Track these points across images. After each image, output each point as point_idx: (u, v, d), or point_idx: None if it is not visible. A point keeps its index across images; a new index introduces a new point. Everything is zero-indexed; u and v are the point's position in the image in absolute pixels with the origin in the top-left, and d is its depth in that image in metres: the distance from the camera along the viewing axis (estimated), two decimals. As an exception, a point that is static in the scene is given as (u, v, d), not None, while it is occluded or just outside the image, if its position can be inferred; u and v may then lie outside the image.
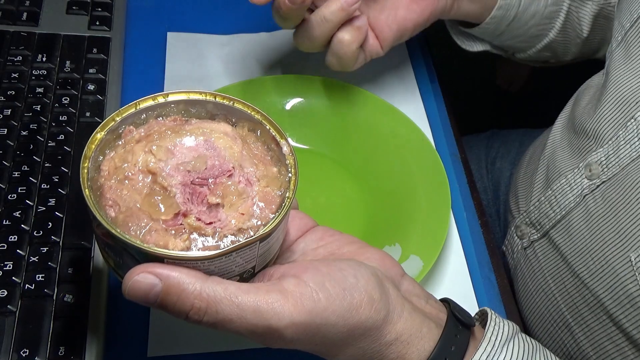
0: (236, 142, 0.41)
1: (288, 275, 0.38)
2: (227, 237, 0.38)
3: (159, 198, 0.38)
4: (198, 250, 0.37)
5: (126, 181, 0.39)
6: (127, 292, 0.36)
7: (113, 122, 0.41)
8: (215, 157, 0.40)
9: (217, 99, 0.43)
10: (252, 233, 0.38)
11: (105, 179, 0.39)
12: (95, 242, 0.42)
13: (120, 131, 0.41)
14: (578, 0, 0.69)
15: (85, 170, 0.39)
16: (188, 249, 0.37)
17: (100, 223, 0.36)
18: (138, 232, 0.37)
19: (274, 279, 0.39)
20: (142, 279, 0.35)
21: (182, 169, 0.39)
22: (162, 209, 0.38)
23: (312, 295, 0.37)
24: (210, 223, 0.38)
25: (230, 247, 0.37)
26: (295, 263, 0.40)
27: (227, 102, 0.43)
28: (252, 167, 0.41)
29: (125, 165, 0.39)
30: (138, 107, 0.42)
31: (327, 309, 0.37)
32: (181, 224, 0.38)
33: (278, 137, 0.42)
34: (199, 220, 0.38)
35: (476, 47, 0.72)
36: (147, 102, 0.42)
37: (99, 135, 0.40)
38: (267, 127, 0.43)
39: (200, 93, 0.43)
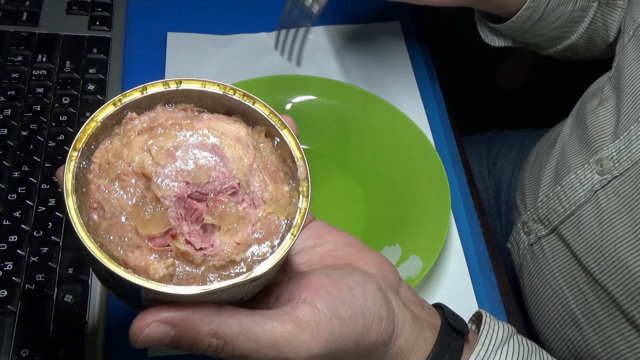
0: (248, 152, 0.36)
1: (298, 300, 0.37)
2: (215, 268, 0.34)
3: (150, 210, 0.34)
4: (180, 279, 0.33)
5: (117, 182, 0.34)
6: (137, 344, 0.33)
7: (112, 108, 0.36)
8: (221, 169, 0.35)
9: (236, 95, 0.38)
10: (244, 268, 0.34)
11: (95, 175, 0.35)
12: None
13: (121, 117, 0.36)
14: (606, 7, 0.68)
15: (72, 164, 0.34)
16: (171, 276, 0.33)
17: (79, 237, 0.32)
18: (119, 246, 0.33)
19: (281, 303, 0.38)
20: (155, 329, 0.33)
21: (180, 179, 0.35)
22: (151, 224, 0.33)
23: (327, 323, 0.36)
24: (201, 249, 0.34)
25: (215, 287, 0.33)
26: (301, 282, 0.38)
27: (248, 101, 0.38)
28: (260, 185, 0.36)
29: (119, 162, 0.35)
30: (145, 93, 0.37)
31: (341, 335, 0.36)
32: (168, 245, 0.34)
33: (296, 155, 0.37)
34: (189, 243, 0.34)
35: (499, 42, 0.72)
36: (156, 87, 0.37)
37: (93, 124, 0.35)
38: (287, 139, 0.38)
39: (219, 85, 0.38)
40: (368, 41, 0.78)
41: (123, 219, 0.33)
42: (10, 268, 0.52)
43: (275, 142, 0.38)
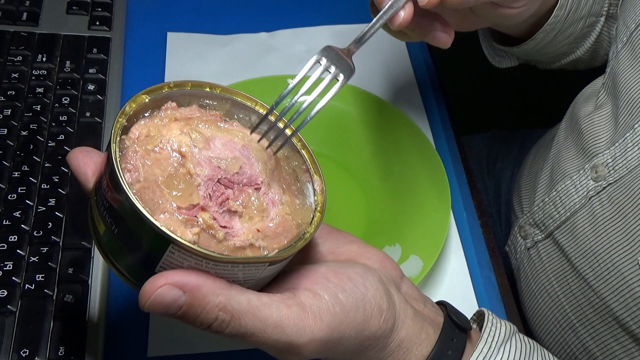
0: (271, 160, 0.40)
1: (298, 288, 0.37)
2: (236, 247, 0.36)
3: (182, 183, 0.36)
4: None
5: (153, 153, 0.36)
6: (146, 306, 0.33)
7: (161, 91, 0.39)
8: (248, 166, 0.38)
9: (263, 111, 0.42)
10: (265, 252, 0.36)
11: (133, 142, 0.36)
12: (91, 220, 0.38)
13: (162, 103, 0.39)
14: (611, 19, 0.68)
15: (119, 125, 0.36)
16: (195, 243, 0.34)
17: (120, 184, 0.33)
18: (150, 208, 0.34)
19: (283, 290, 0.38)
20: (166, 292, 0.33)
21: (213, 163, 0.37)
22: (182, 195, 0.35)
23: (329, 309, 0.36)
24: (225, 227, 0.36)
25: (241, 257, 0.35)
26: (300, 272, 0.39)
27: (273, 119, 0.41)
28: (279, 189, 0.39)
29: (158, 137, 0.37)
30: (190, 88, 0.40)
31: (342, 322, 0.37)
32: (195, 217, 0.35)
33: (312, 171, 0.41)
34: (215, 219, 0.36)
35: (505, 63, 0.71)
36: (201, 87, 0.40)
37: (144, 97, 0.38)
38: (305, 156, 0.41)
39: (251, 100, 0.41)
40: (368, 41, 0.78)
41: (156, 184, 0.35)
42: (10, 268, 0.52)
43: (294, 161, 0.42)
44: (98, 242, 0.37)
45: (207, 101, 0.41)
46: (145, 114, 0.38)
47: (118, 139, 0.36)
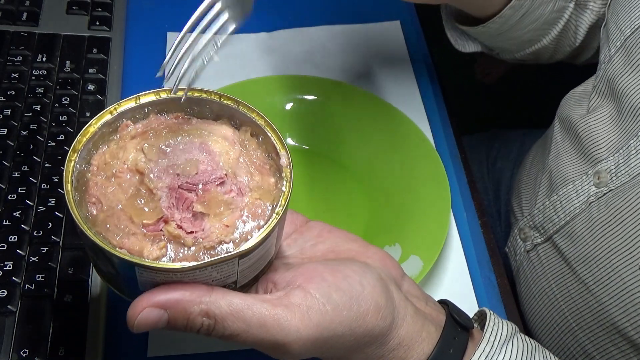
0: (234, 148, 0.40)
1: (293, 286, 0.38)
2: (206, 248, 0.36)
3: (143, 200, 0.37)
4: (172, 260, 0.36)
5: (113, 179, 0.37)
6: (134, 329, 0.35)
7: (109, 115, 0.39)
8: (209, 162, 0.39)
9: (221, 100, 0.41)
10: (232, 248, 0.37)
11: (93, 174, 0.38)
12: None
13: (118, 125, 0.40)
14: (579, 8, 0.67)
15: (72, 164, 0.37)
16: (163, 257, 0.36)
17: (76, 223, 0.35)
18: (116, 234, 0.36)
19: (278, 289, 0.38)
20: (148, 314, 0.35)
21: (171, 172, 0.38)
22: (145, 213, 0.36)
23: (319, 308, 0.37)
24: (192, 232, 0.36)
25: (205, 261, 0.35)
26: (299, 270, 0.39)
27: (232, 104, 0.41)
28: (246, 176, 0.39)
29: (115, 162, 0.38)
30: (138, 102, 0.40)
31: (334, 320, 0.37)
32: (161, 230, 0.36)
33: (279, 146, 0.40)
34: (180, 227, 0.36)
35: (469, 47, 0.71)
36: (148, 97, 0.40)
37: (91, 128, 0.39)
38: (270, 134, 0.41)
39: (206, 92, 0.41)
40: (368, 41, 0.78)
41: (119, 210, 0.36)
42: (10, 268, 0.52)
43: (260, 139, 0.41)
44: (95, 267, 0.40)
45: (162, 106, 0.41)
46: (105, 141, 0.39)
47: (72, 179, 0.37)
